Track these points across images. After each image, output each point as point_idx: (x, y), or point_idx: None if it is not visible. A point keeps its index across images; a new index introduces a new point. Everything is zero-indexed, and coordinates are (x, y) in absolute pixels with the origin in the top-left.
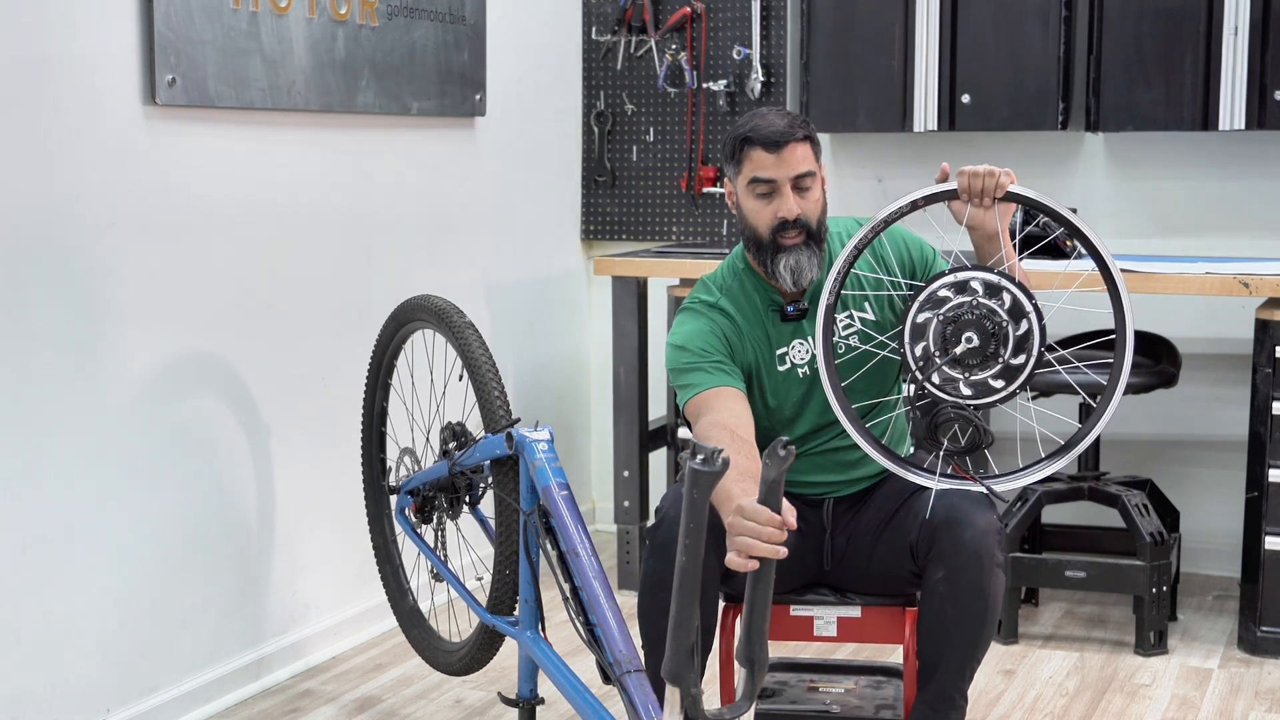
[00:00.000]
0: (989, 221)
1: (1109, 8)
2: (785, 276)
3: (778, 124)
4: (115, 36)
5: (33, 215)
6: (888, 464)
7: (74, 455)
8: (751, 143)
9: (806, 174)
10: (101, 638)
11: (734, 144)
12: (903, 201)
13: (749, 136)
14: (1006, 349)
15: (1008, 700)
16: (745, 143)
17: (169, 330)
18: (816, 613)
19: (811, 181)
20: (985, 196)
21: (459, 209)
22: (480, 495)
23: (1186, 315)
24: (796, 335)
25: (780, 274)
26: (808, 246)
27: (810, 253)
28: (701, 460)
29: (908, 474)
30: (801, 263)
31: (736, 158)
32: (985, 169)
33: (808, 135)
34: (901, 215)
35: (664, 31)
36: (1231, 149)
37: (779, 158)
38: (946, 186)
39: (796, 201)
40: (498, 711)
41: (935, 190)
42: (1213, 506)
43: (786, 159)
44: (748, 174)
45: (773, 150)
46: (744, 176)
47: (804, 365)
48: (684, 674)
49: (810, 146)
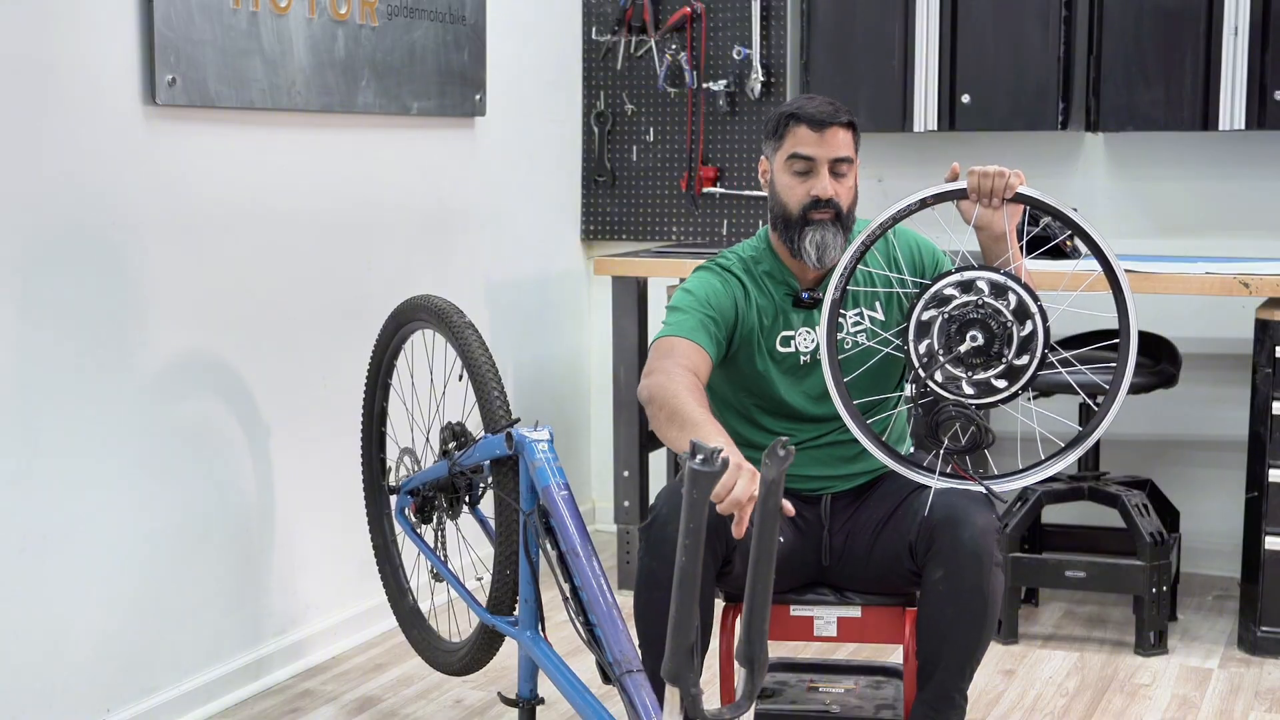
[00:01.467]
0: (997, 222)
1: (1109, 8)
2: (810, 252)
3: (825, 107)
4: (115, 36)
5: (32, 215)
6: (888, 461)
7: (74, 455)
8: (798, 119)
9: (845, 159)
10: (101, 638)
11: (779, 120)
12: (912, 199)
13: (795, 113)
14: (1011, 349)
15: (1008, 700)
16: (791, 119)
17: (169, 330)
18: (816, 612)
19: (848, 168)
20: (994, 197)
21: (459, 209)
22: (480, 495)
23: (1186, 315)
24: (806, 324)
25: (805, 249)
26: (835, 225)
27: (836, 232)
28: (701, 460)
29: (908, 472)
30: (827, 240)
31: (780, 133)
32: (995, 169)
33: (851, 122)
34: (910, 213)
35: (664, 31)
36: (1231, 149)
37: (821, 138)
38: (956, 186)
39: (831, 184)
40: (498, 711)
41: (944, 189)
42: (1213, 506)
43: (829, 140)
44: (789, 149)
45: (817, 129)
46: (784, 151)
47: (807, 354)
48: (684, 674)
49: (852, 134)
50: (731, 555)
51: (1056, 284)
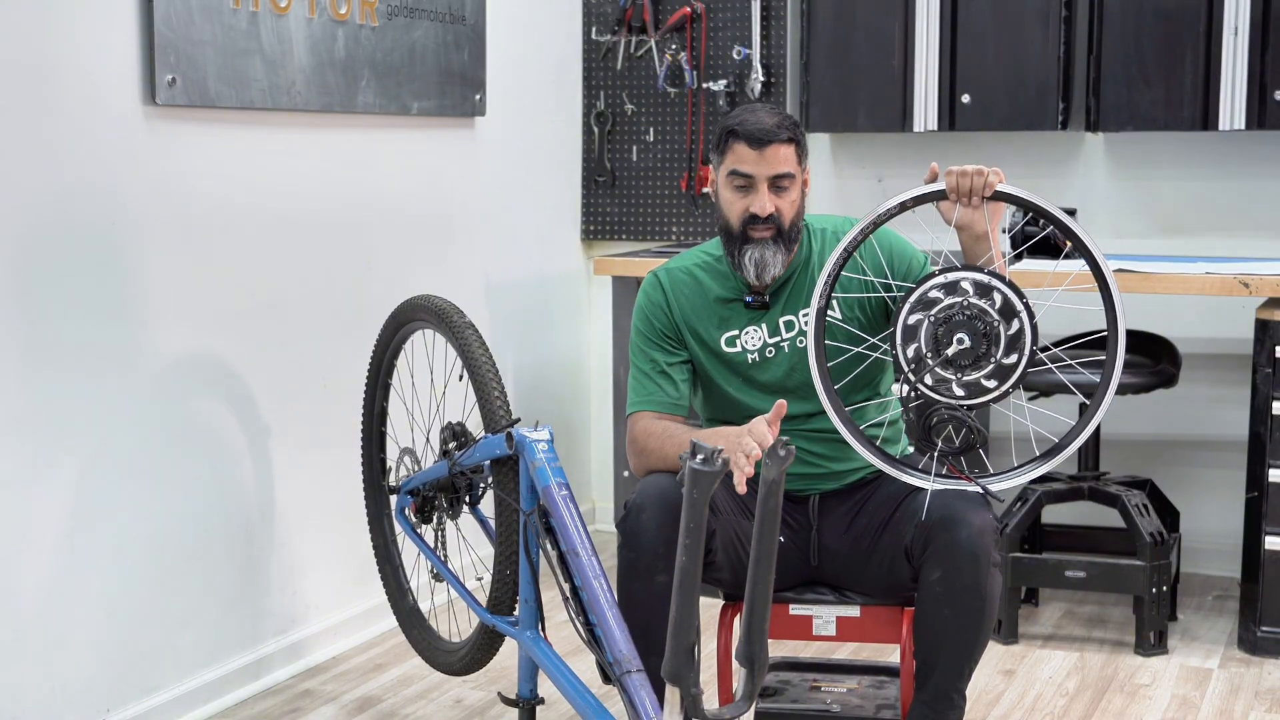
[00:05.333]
0: (978, 221)
1: (1109, 8)
2: (749, 269)
3: (766, 122)
4: (115, 37)
5: (32, 215)
6: (883, 465)
7: (73, 455)
8: (737, 136)
9: (785, 175)
10: (101, 638)
11: (721, 134)
12: (891, 203)
13: (735, 129)
14: (998, 349)
15: (1008, 700)
16: (731, 135)
17: (169, 330)
18: (815, 612)
19: (790, 183)
20: (974, 196)
21: (459, 209)
22: (480, 495)
23: (1186, 315)
24: (753, 323)
25: (744, 265)
26: (775, 243)
27: (776, 249)
28: (701, 460)
29: (903, 475)
30: (765, 257)
31: (721, 148)
32: (974, 168)
33: (793, 138)
34: (890, 216)
35: (664, 31)
36: (1231, 149)
37: (761, 155)
38: (935, 187)
39: (771, 199)
40: (498, 711)
41: (924, 191)
42: (1213, 506)
43: (768, 158)
44: (729, 165)
45: (756, 147)
46: (725, 167)
47: (754, 352)
48: (684, 674)
49: (794, 149)
50: (711, 543)
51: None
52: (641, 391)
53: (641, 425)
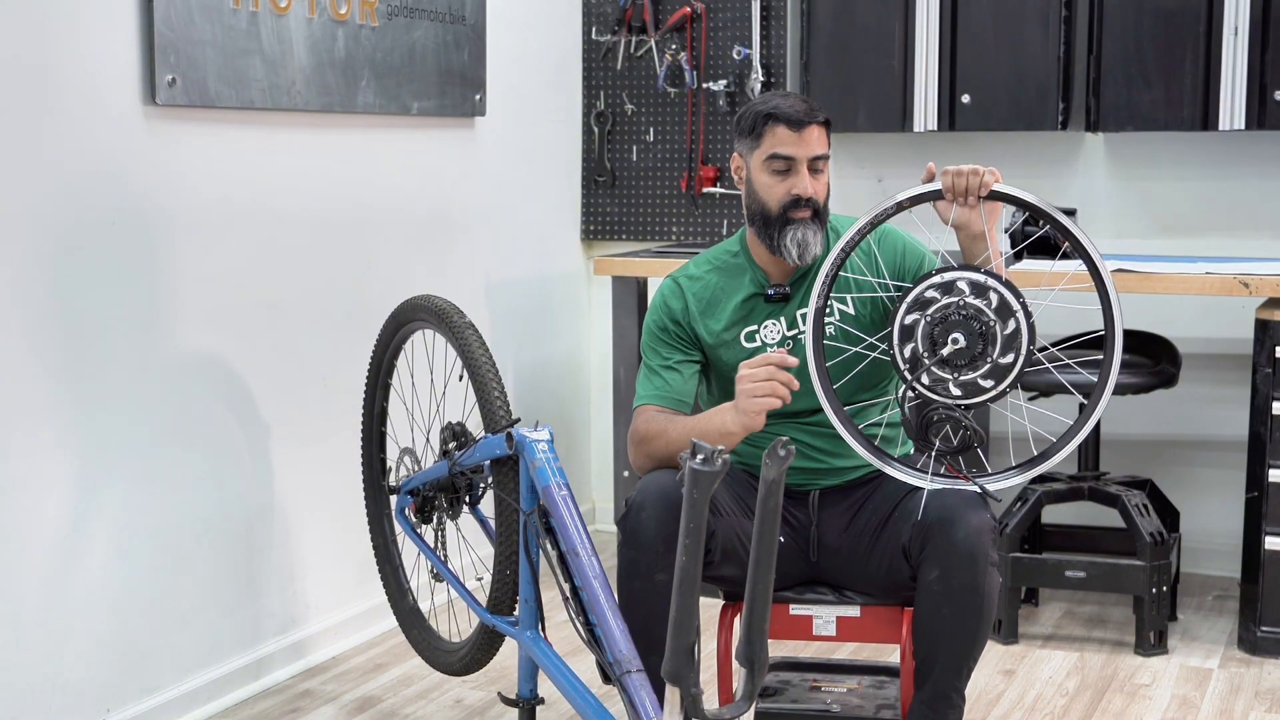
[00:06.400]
0: (974, 221)
1: (1109, 8)
2: (791, 250)
3: (800, 105)
4: (115, 37)
5: (32, 215)
6: (881, 465)
7: (73, 455)
8: (775, 119)
9: (822, 156)
10: (101, 638)
11: (755, 119)
12: (888, 203)
13: (773, 113)
14: (995, 349)
15: (1008, 700)
16: (769, 119)
17: (169, 330)
18: (815, 612)
19: (824, 165)
20: (970, 195)
21: (459, 209)
22: (480, 495)
23: (1186, 315)
24: (772, 316)
25: (786, 247)
26: (814, 222)
27: (816, 229)
28: (701, 460)
29: (902, 475)
30: (808, 238)
31: (756, 132)
32: (969, 168)
33: (826, 119)
34: (888, 216)
35: (664, 31)
36: (1231, 149)
37: (800, 137)
38: (932, 187)
39: (810, 181)
40: (498, 711)
41: (920, 191)
42: (1213, 506)
43: (807, 139)
44: (767, 149)
45: (795, 129)
46: (762, 152)
47: (774, 346)
48: (684, 674)
49: (826, 131)
50: (712, 543)
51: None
52: (649, 386)
53: (645, 417)
